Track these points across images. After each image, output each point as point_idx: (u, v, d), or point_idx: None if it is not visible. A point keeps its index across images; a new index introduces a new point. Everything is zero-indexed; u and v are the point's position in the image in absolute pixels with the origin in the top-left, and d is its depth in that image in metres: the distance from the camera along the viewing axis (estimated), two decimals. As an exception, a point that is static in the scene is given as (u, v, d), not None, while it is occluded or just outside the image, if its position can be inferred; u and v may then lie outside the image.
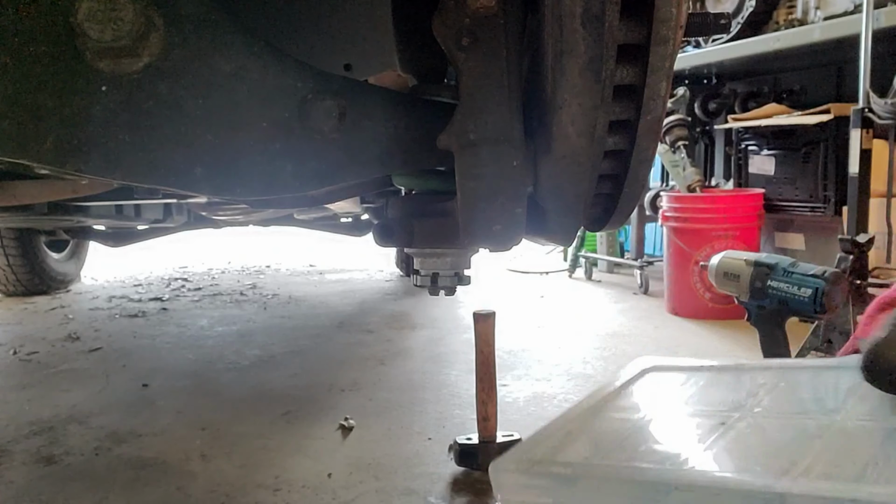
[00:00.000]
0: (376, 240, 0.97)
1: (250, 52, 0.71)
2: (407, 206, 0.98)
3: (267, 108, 0.73)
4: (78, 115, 0.65)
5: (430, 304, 3.12)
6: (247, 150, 0.73)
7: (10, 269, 3.37)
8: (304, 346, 2.39)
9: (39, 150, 0.65)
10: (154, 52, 0.66)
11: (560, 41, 0.68)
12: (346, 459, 1.40)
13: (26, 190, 1.49)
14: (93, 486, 1.30)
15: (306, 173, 0.76)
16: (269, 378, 2.01)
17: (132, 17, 0.62)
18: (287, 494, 1.25)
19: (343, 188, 1.45)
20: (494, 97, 0.76)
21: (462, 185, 0.79)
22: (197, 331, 2.67)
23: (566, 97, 0.71)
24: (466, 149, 0.77)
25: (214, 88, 0.70)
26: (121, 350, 2.38)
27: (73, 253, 3.87)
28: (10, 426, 1.63)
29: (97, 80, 0.65)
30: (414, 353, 2.29)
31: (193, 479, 1.32)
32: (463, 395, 1.81)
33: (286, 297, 3.46)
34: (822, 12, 2.72)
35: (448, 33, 0.74)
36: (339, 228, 3.48)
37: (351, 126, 0.77)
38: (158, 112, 0.68)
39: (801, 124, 2.68)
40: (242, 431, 1.57)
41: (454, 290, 1.07)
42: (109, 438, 1.54)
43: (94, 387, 1.94)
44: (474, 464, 1.33)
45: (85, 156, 0.66)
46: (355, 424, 1.59)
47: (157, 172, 0.69)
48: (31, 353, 2.36)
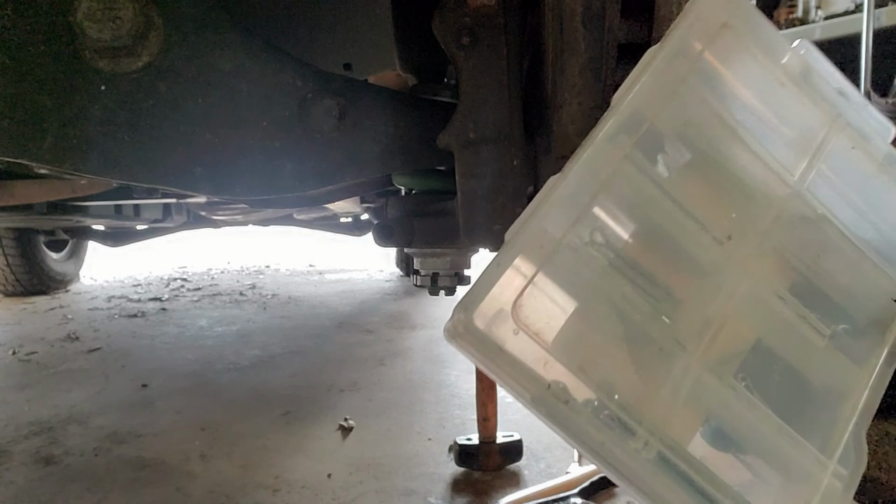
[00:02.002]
0: (376, 240, 0.97)
1: (250, 52, 0.71)
2: (407, 206, 0.98)
3: (267, 107, 0.73)
4: (77, 115, 0.65)
5: (430, 304, 3.12)
6: (246, 150, 0.72)
7: (9, 270, 3.36)
8: (303, 347, 2.39)
9: (38, 150, 0.65)
10: (153, 51, 0.66)
11: (560, 40, 0.68)
12: (346, 460, 1.40)
13: (26, 190, 1.48)
14: (92, 487, 1.30)
15: (306, 173, 0.76)
16: (269, 378, 2.01)
17: (131, 16, 0.62)
18: (287, 495, 1.25)
19: (343, 188, 1.45)
20: (494, 96, 0.76)
21: (462, 185, 0.79)
22: (196, 331, 2.67)
23: (566, 96, 0.71)
24: (466, 148, 0.77)
25: (214, 87, 0.70)
26: (120, 350, 2.38)
27: (72, 253, 3.87)
28: (10, 426, 1.62)
29: (96, 80, 0.65)
30: (414, 353, 2.29)
31: (193, 480, 1.32)
32: (463, 395, 1.80)
33: (286, 297, 3.45)
34: (822, 12, 2.72)
35: (448, 32, 0.74)
36: (338, 228, 3.48)
37: (351, 125, 0.77)
38: (158, 111, 0.68)
39: (801, 124, 2.67)
40: (242, 432, 1.57)
41: (454, 290, 1.07)
42: (109, 439, 1.54)
43: (93, 387, 1.94)
44: (474, 464, 1.33)
45: (84, 155, 0.66)
46: (355, 425, 1.59)
47: (157, 172, 0.69)
48: (30, 353, 2.36)
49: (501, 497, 1.21)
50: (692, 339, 0.53)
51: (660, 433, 0.50)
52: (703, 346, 0.53)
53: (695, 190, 0.56)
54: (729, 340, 0.54)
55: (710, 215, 0.56)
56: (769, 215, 0.58)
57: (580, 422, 0.49)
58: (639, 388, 0.51)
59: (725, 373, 0.54)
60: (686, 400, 0.52)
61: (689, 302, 0.55)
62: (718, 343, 0.54)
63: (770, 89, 0.60)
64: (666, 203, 0.55)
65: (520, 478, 1.32)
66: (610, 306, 0.52)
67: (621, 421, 0.49)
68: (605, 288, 0.52)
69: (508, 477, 1.33)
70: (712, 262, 0.56)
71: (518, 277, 0.49)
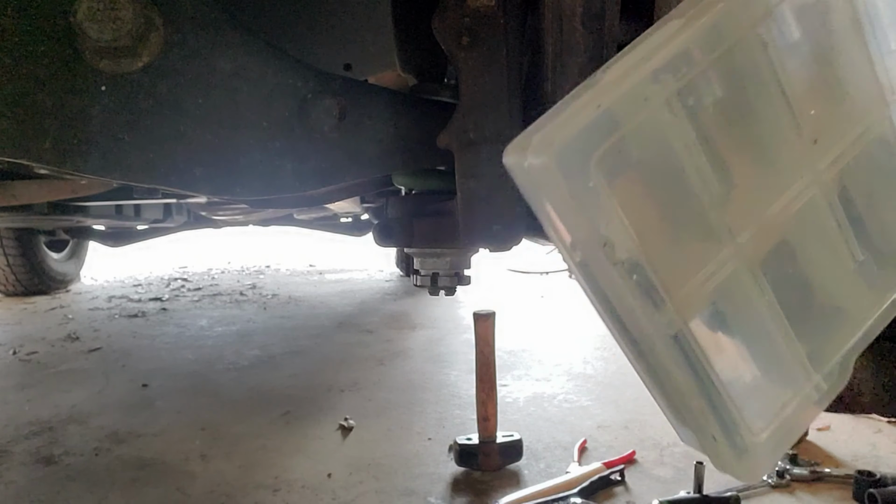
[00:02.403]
0: (376, 240, 0.97)
1: (250, 52, 0.71)
2: (407, 206, 0.98)
3: (267, 107, 0.73)
4: (77, 115, 0.65)
5: (430, 304, 3.12)
6: (246, 150, 0.72)
7: (9, 270, 3.37)
8: (303, 347, 2.39)
9: (39, 150, 0.65)
10: (154, 51, 0.66)
11: (560, 40, 0.68)
12: (346, 459, 1.40)
13: (26, 190, 1.49)
14: (92, 487, 1.30)
15: (306, 173, 0.76)
16: (269, 378, 2.01)
17: (132, 16, 0.62)
18: (287, 495, 1.25)
19: (343, 188, 1.45)
20: (494, 96, 0.76)
21: (462, 185, 0.79)
22: (196, 331, 2.67)
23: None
24: (466, 148, 0.77)
25: (214, 88, 0.70)
26: (120, 350, 2.38)
27: (72, 253, 3.87)
28: (10, 426, 1.62)
29: (97, 80, 0.65)
30: (414, 353, 2.29)
31: (193, 480, 1.32)
32: (463, 395, 1.81)
33: (286, 297, 3.46)
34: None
35: (448, 32, 0.74)
36: (339, 228, 3.48)
37: (351, 125, 0.77)
38: (158, 112, 0.68)
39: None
40: (242, 432, 1.57)
41: (454, 290, 1.07)
42: (109, 439, 1.54)
43: (93, 387, 1.94)
44: (474, 464, 1.33)
45: (84, 155, 0.66)
46: (355, 425, 1.59)
47: (157, 172, 0.69)
48: (30, 353, 2.36)
49: (501, 497, 1.21)
50: (744, 232, 0.51)
51: (683, 312, 0.49)
52: (753, 243, 0.52)
53: (801, 78, 0.53)
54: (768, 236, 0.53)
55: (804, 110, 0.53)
56: (856, 129, 0.56)
57: (620, 284, 0.47)
58: (678, 264, 0.50)
59: (757, 268, 0.53)
60: (715, 289, 0.51)
61: (754, 194, 0.52)
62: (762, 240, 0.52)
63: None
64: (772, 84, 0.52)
65: (520, 478, 1.32)
66: (680, 176, 0.49)
67: (654, 292, 0.49)
68: (683, 156, 0.49)
69: (508, 477, 1.33)
70: (793, 160, 0.54)
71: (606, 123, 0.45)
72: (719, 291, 0.52)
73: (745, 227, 0.52)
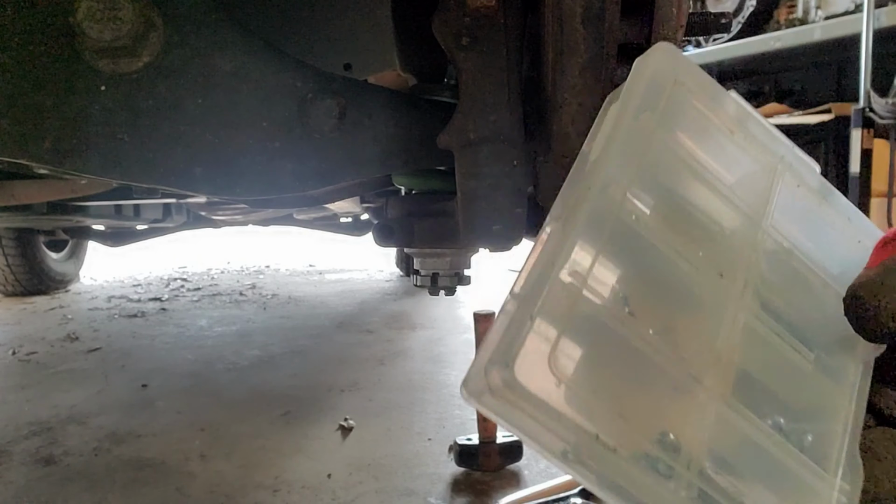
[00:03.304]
0: (376, 240, 0.97)
1: (250, 52, 0.71)
2: (407, 206, 0.98)
3: (267, 107, 0.73)
4: (77, 115, 0.65)
5: (430, 304, 3.12)
6: (246, 150, 0.72)
7: (8, 270, 3.37)
8: (303, 347, 2.39)
9: (38, 150, 0.65)
10: (153, 51, 0.66)
11: (560, 40, 0.68)
12: (346, 460, 1.40)
13: (25, 190, 1.48)
14: (92, 487, 1.30)
15: (306, 173, 0.76)
16: (269, 378, 2.01)
17: (131, 16, 0.62)
18: (287, 495, 1.25)
19: (343, 188, 1.45)
20: (494, 96, 0.76)
21: (462, 185, 0.79)
22: (196, 331, 2.67)
23: (566, 96, 0.71)
24: (466, 148, 0.77)
25: (214, 88, 0.70)
26: (120, 350, 2.38)
27: (72, 253, 3.87)
28: (9, 426, 1.62)
29: (96, 80, 0.65)
30: (414, 353, 2.29)
31: (193, 480, 1.32)
32: (463, 395, 1.80)
33: (286, 297, 3.46)
34: (822, 12, 2.72)
35: (448, 33, 0.74)
36: (338, 228, 3.48)
37: (351, 126, 0.77)
38: (158, 112, 0.68)
39: (802, 124, 2.68)
40: (242, 432, 1.57)
41: (454, 290, 1.07)
42: (108, 439, 1.54)
43: (93, 387, 1.94)
44: (474, 464, 1.33)
45: (84, 155, 0.66)
46: (355, 425, 1.59)
47: (157, 172, 0.69)
48: (30, 353, 2.36)
49: (501, 497, 1.21)
50: (706, 376, 0.53)
51: (695, 470, 0.50)
52: (718, 381, 0.53)
53: (675, 233, 0.57)
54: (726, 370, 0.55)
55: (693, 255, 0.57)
56: (746, 251, 0.60)
57: (626, 468, 0.48)
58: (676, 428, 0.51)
59: (733, 401, 0.54)
60: (712, 437, 0.52)
61: (699, 339, 0.55)
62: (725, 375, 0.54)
63: (721, 138, 0.62)
64: (658, 248, 0.56)
65: (520, 478, 1.32)
66: (626, 349, 0.52)
67: (661, 463, 0.49)
68: (621, 332, 0.52)
69: (508, 477, 1.33)
70: (712, 297, 0.57)
71: (550, 329, 0.48)
72: (713, 437, 0.53)
73: (704, 370, 0.54)
